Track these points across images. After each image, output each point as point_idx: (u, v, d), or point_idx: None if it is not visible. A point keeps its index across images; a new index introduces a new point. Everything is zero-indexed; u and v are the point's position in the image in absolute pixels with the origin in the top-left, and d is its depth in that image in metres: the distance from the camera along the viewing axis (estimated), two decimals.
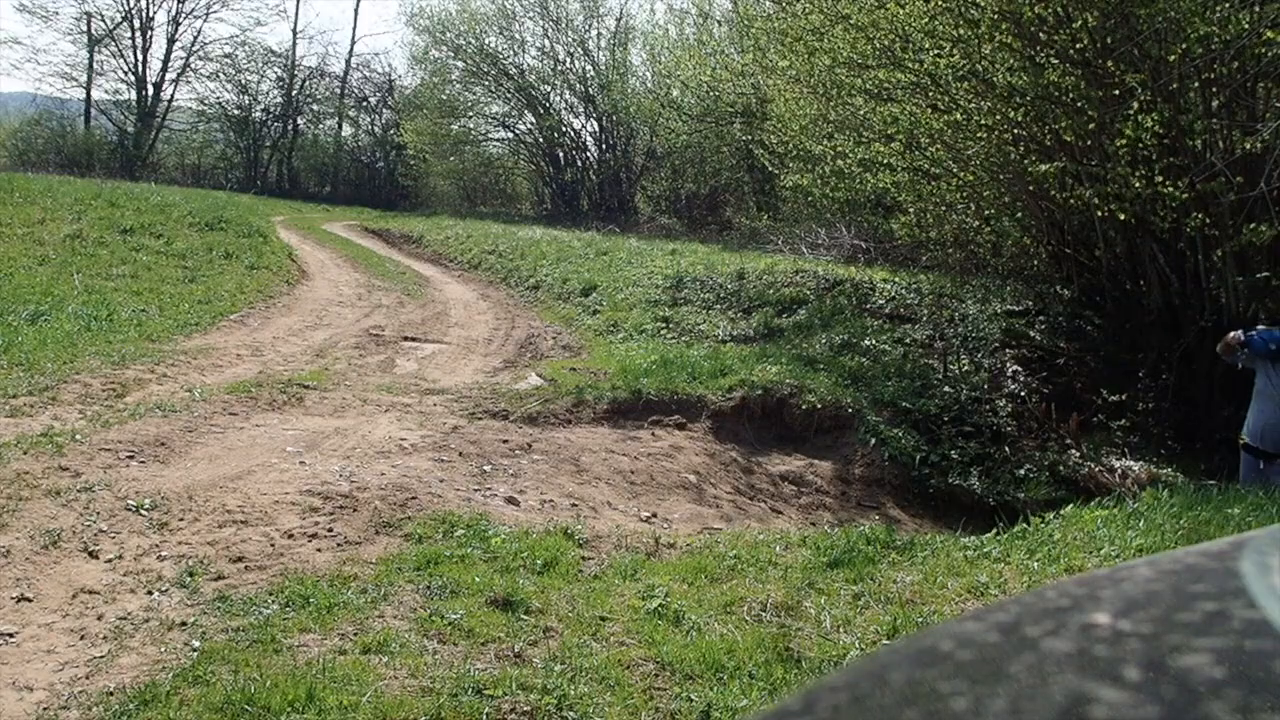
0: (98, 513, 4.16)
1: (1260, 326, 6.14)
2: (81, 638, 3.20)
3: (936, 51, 7.88)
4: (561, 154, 29.52)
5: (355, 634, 3.21)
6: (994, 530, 4.90)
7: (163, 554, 3.86)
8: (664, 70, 23.65)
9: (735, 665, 3.13)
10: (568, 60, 29.21)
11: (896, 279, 11.05)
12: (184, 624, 3.27)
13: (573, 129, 29.83)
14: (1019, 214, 9.19)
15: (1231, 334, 6.11)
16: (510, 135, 31.17)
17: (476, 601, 3.49)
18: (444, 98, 29.99)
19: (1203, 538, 4.25)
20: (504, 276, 15.12)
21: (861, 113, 9.31)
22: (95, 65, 33.73)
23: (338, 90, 37.95)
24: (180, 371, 7.12)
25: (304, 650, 3.08)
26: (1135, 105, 6.56)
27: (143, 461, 4.95)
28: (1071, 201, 7.53)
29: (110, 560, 3.78)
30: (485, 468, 5.39)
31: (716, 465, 6.24)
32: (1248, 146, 6.31)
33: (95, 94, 34.06)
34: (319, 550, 3.97)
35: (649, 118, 24.58)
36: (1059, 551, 4.24)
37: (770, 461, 6.63)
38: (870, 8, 8.20)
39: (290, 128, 37.39)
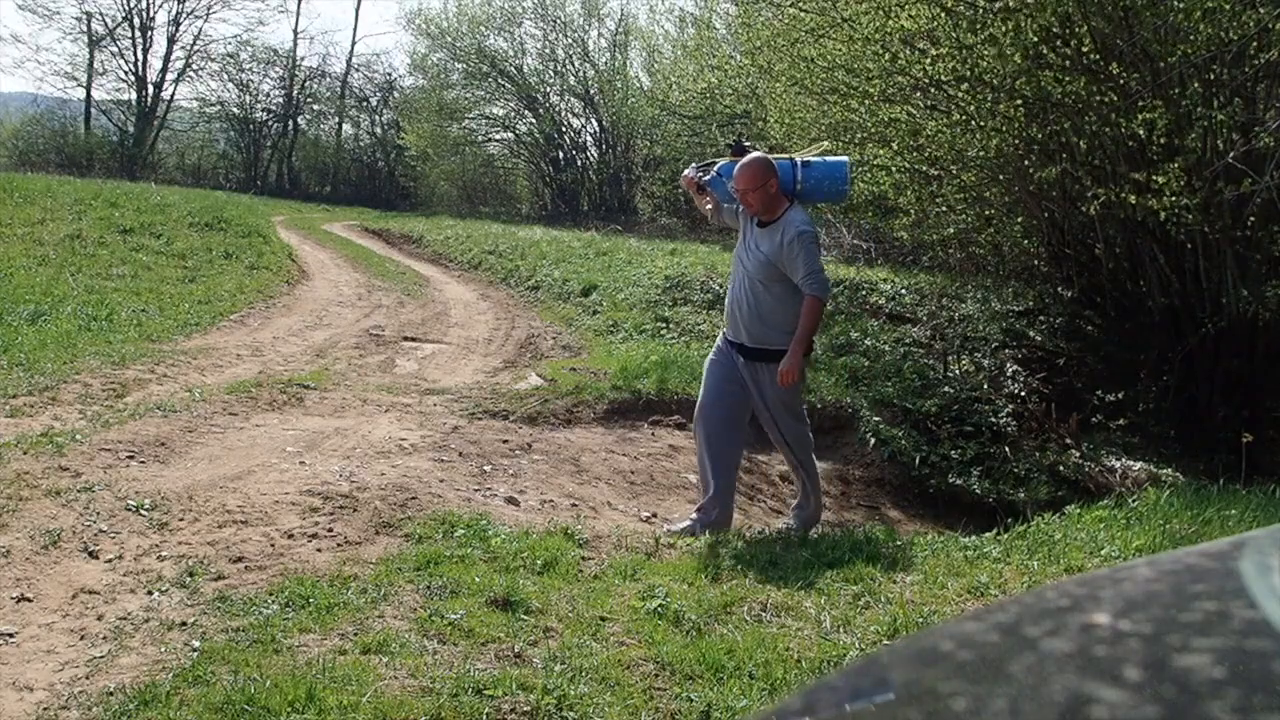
0: (98, 513, 4.16)
1: (727, 158, 4.72)
2: (81, 638, 3.20)
3: (937, 53, 7.86)
4: (561, 154, 29.50)
5: (355, 634, 3.20)
6: (994, 530, 4.91)
7: (163, 554, 3.86)
8: (663, 73, 23.63)
9: (735, 665, 3.13)
10: (567, 61, 29.23)
11: (896, 279, 11.04)
12: (184, 624, 3.27)
13: (573, 129, 29.87)
14: (1020, 216, 9.18)
15: (687, 170, 4.81)
16: (510, 136, 31.18)
17: (476, 601, 3.49)
18: (444, 101, 29.98)
19: (1203, 538, 4.25)
20: (504, 277, 15.11)
21: (857, 115, 9.28)
22: (96, 65, 33.81)
23: (338, 90, 37.98)
24: (180, 371, 7.12)
25: (304, 650, 3.08)
26: (1154, 113, 6.48)
27: (143, 461, 4.95)
28: (1079, 205, 7.52)
29: (110, 560, 3.78)
30: (485, 468, 5.39)
31: None
32: (1267, 140, 6.24)
33: (96, 94, 34.17)
34: (319, 550, 3.97)
35: (648, 122, 24.53)
36: (1059, 551, 4.24)
37: (770, 462, 6.63)
38: (873, 11, 8.17)
39: (291, 128, 37.41)
